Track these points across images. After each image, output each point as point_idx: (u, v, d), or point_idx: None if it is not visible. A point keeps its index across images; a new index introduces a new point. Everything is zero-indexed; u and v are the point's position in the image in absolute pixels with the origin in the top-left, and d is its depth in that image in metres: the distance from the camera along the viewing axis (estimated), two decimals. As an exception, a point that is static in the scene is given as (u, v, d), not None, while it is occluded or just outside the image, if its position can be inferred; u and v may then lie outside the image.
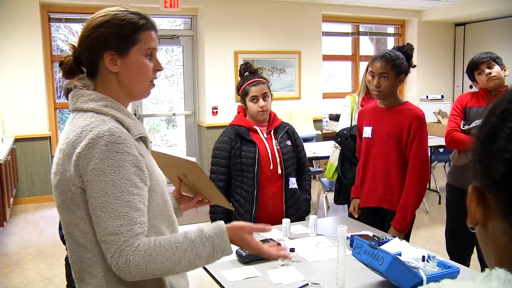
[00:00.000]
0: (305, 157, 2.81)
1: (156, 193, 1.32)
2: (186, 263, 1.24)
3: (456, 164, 2.93)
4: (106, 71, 1.31)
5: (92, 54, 1.30)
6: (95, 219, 1.21)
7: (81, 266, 1.30)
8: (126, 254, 1.18)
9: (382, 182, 2.58)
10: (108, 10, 1.32)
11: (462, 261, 2.74)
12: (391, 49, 2.59)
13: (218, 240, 1.28)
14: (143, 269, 1.20)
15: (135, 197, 1.22)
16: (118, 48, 1.29)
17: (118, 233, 1.19)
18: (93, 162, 1.19)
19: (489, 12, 7.37)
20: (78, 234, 1.27)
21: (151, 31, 1.34)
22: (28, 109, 5.89)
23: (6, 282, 3.70)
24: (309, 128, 7.04)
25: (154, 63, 1.36)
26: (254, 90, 2.60)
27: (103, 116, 1.26)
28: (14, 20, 5.74)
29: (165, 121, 8.35)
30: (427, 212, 5.45)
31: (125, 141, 1.23)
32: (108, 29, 1.28)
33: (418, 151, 2.48)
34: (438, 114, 6.05)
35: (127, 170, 1.21)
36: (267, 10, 6.97)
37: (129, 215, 1.20)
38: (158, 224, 1.32)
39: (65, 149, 1.26)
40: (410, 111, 2.53)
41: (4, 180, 4.49)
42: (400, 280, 1.68)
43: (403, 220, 2.48)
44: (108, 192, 1.19)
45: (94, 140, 1.20)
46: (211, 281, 1.97)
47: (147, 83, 1.36)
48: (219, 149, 2.65)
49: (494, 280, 0.58)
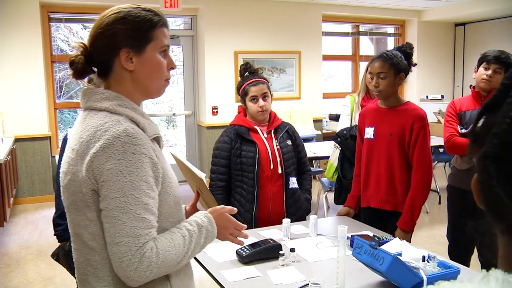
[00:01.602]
0: (306, 156, 2.81)
1: (169, 195, 1.30)
2: (191, 253, 1.29)
3: (458, 169, 2.92)
4: (121, 69, 1.28)
5: (107, 52, 1.27)
6: (110, 219, 1.17)
7: (87, 269, 1.27)
8: (148, 257, 1.16)
9: (386, 183, 2.57)
10: (120, 7, 1.29)
11: (463, 262, 2.74)
12: (390, 49, 2.59)
13: (210, 228, 1.35)
14: (163, 267, 1.21)
15: (151, 200, 1.21)
16: (134, 45, 1.26)
17: (137, 236, 1.16)
18: (110, 162, 1.16)
19: (489, 12, 7.37)
20: (87, 236, 1.24)
21: (164, 28, 1.32)
22: (28, 109, 5.89)
23: (6, 282, 3.70)
24: (309, 128, 7.04)
25: (167, 61, 1.34)
26: (253, 90, 2.61)
27: (117, 116, 1.24)
28: (14, 20, 5.74)
29: (165, 121, 8.36)
30: (427, 212, 5.45)
31: (142, 142, 1.21)
32: (124, 26, 1.25)
33: (422, 151, 2.48)
34: (438, 114, 6.05)
35: (145, 172, 1.19)
36: (267, 10, 6.97)
37: (147, 217, 1.18)
38: (170, 227, 1.30)
39: (78, 149, 1.22)
40: (412, 111, 2.53)
41: (4, 180, 4.49)
42: (400, 280, 1.68)
43: (411, 221, 2.48)
44: (126, 192, 1.16)
45: (110, 140, 1.18)
46: (211, 281, 1.97)
47: (162, 81, 1.34)
48: (219, 149, 2.65)
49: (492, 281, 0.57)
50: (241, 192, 2.61)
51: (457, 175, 2.98)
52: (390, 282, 1.75)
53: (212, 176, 2.66)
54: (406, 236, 2.43)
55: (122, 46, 1.26)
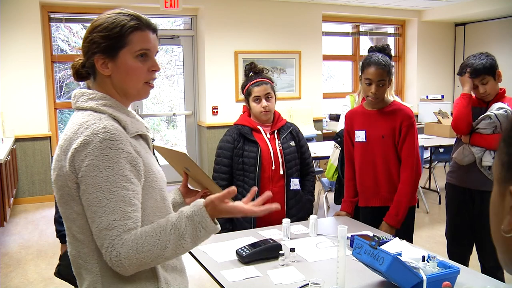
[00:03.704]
0: (310, 157, 2.81)
1: (154, 189, 1.34)
2: (173, 245, 1.25)
3: (460, 164, 2.90)
4: (101, 74, 1.34)
5: (89, 58, 1.34)
6: (90, 214, 1.23)
7: (79, 262, 1.32)
8: (116, 248, 1.20)
9: (385, 182, 2.61)
10: (105, 14, 1.35)
11: (462, 261, 2.76)
12: (380, 54, 2.59)
13: (198, 218, 1.27)
14: (134, 259, 1.21)
15: (130, 193, 1.24)
16: (106, 51, 1.32)
17: (112, 228, 1.21)
18: (88, 158, 1.22)
19: (489, 12, 7.37)
20: (75, 229, 1.30)
21: (144, 31, 1.34)
22: (28, 109, 5.89)
23: (7, 282, 3.70)
24: (309, 128, 7.04)
25: (150, 64, 1.36)
26: (256, 91, 2.61)
27: (100, 114, 1.29)
28: (14, 20, 5.75)
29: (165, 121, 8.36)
30: (427, 212, 5.45)
31: (120, 138, 1.25)
32: (98, 34, 1.31)
33: (409, 148, 2.55)
34: (438, 114, 6.05)
35: (121, 167, 1.24)
36: (267, 10, 6.97)
37: (122, 209, 1.22)
38: (156, 220, 1.32)
39: (62, 145, 1.29)
40: (399, 111, 2.60)
41: (4, 180, 4.49)
42: (400, 280, 1.68)
43: (396, 215, 2.53)
44: (102, 187, 1.21)
45: (90, 137, 1.23)
46: (211, 281, 1.97)
47: (140, 84, 1.36)
48: (222, 149, 2.67)
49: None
50: (242, 191, 2.60)
51: (456, 173, 2.97)
52: (390, 282, 1.76)
53: (215, 175, 2.67)
54: (391, 230, 2.50)
55: (96, 52, 1.32)
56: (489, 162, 2.75)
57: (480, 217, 2.87)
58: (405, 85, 8.60)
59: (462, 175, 2.92)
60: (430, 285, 1.64)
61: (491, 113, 2.71)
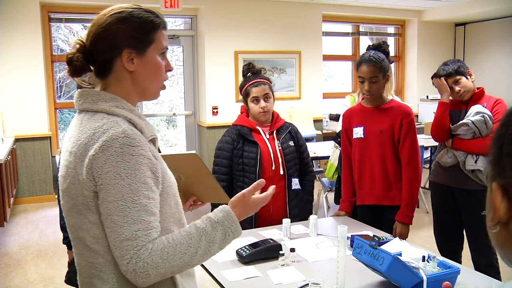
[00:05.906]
0: (308, 157, 2.81)
1: (169, 195, 1.30)
2: (202, 252, 1.23)
3: (443, 166, 2.96)
4: (122, 69, 1.27)
5: (109, 51, 1.26)
6: (109, 224, 1.17)
7: (91, 272, 1.26)
8: (143, 258, 1.15)
9: (381, 179, 2.62)
10: (121, 7, 1.28)
11: (454, 257, 2.84)
12: (372, 51, 2.61)
13: (228, 223, 1.29)
14: (162, 268, 1.17)
15: (151, 201, 1.19)
16: (137, 46, 1.26)
17: (135, 238, 1.15)
18: (108, 164, 1.16)
19: (489, 12, 7.37)
20: (89, 240, 1.23)
21: (164, 30, 1.32)
22: (28, 109, 5.89)
23: (7, 282, 3.70)
24: (309, 128, 7.04)
25: (165, 63, 1.34)
26: (255, 91, 2.61)
27: (115, 117, 1.23)
28: (14, 20, 5.75)
29: (165, 121, 8.36)
30: (427, 212, 5.45)
31: (140, 143, 1.20)
32: (127, 26, 1.25)
33: (412, 146, 2.58)
34: (438, 114, 6.05)
35: (143, 174, 1.18)
36: (267, 10, 6.97)
37: (145, 219, 1.17)
38: (171, 226, 1.29)
39: (76, 151, 1.21)
40: (398, 108, 2.62)
41: (4, 180, 4.49)
42: (400, 280, 1.68)
43: (411, 213, 2.58)
44: (125, 196, 1.16)
45: (109, 142, 1.17)
46: (211, 281, 1.98)
47: (161, 83, 1.34)
48: (221, 149, 2.66)
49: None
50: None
51: (439, 171, 3.03)
52: (390, 282, 1.76)
53: (214, 176, 2.66)
54: (405, 228, 2.54)
55: (125, 46, 1.25)
56: (472, 166, 2.82)
57: (465, 216, 2.94)
58: (405, 85, 8.60)
59: (444, 174, 2.98)
60: (430, 285, 1.64)
61: (468, 120, 2.79)
